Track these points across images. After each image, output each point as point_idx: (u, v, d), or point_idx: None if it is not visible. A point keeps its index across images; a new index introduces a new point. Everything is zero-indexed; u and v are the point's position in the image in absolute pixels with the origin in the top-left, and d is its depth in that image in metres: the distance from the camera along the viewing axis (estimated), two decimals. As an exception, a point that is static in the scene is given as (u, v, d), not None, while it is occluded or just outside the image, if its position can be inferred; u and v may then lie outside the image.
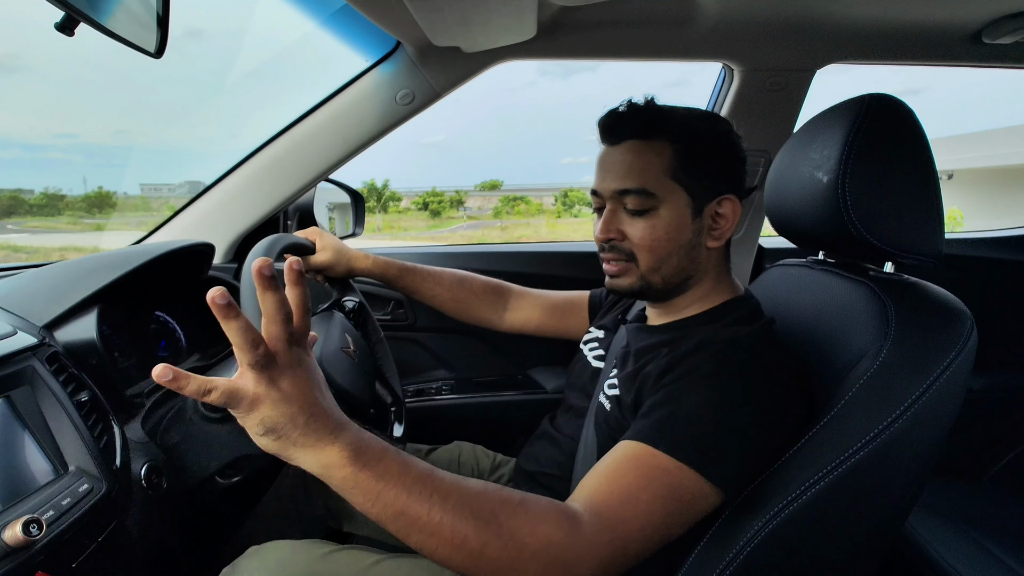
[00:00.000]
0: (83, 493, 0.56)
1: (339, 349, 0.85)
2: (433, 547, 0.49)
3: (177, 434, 0.78)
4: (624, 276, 0.73)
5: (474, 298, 1.07)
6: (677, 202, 0.69)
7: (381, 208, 32.80)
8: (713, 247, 0.72)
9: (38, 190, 55.82)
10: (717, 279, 0.75)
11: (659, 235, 0.70)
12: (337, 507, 1.02)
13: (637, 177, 0.69)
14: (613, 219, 0.72)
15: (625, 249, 0.72)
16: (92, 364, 0.70)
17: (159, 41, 0.53)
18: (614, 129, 0.71)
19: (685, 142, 0.69)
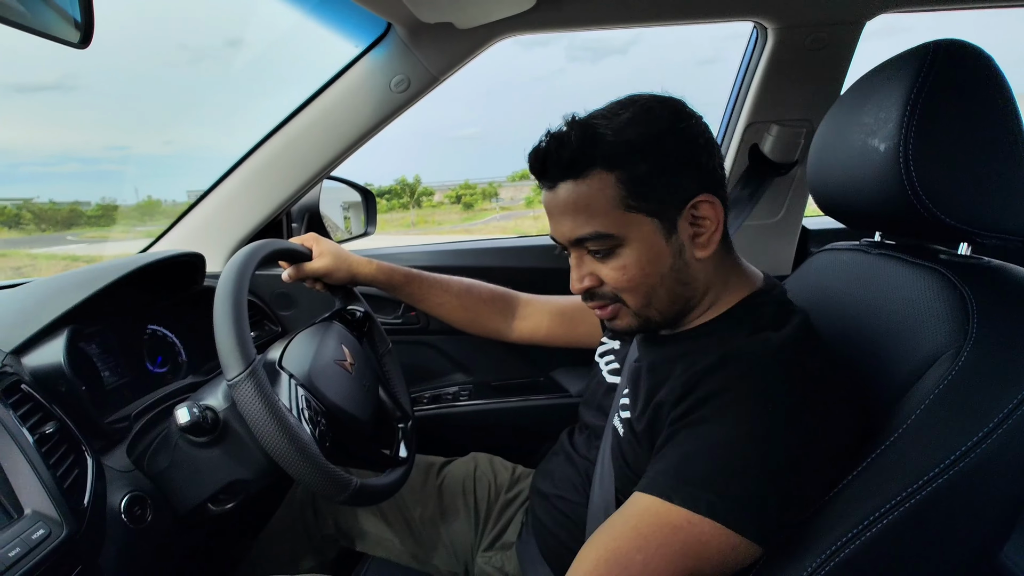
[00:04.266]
0: (36, 540, 0.50)
1: (332, 362, 0.78)
2: None
3: (164, 460, 0.73)
4: (618, 318, 0.65)
5: (483, 306, 0.99)
6: (642, 232, 0.59)
7: (415, 203, 33.12)
8: (704, 256, 0.61)
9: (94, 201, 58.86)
10: (724, 280, 0.64)
11: (633, 274, 0.60)
12: (348, 526, 0.96)
13: (586, 221, 0.59)
14: (582, 266, 0.63)
15: (607, 293, 0.63)
16: (61, 391, 0.65)
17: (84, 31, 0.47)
18: (543, 173, 0.61)
19: (623, 163, 0.57)
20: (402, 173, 27.95)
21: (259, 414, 0.59)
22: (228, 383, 0.59)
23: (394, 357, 0.99)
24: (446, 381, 1.26)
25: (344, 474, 0.66)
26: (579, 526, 0.71)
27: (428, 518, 0.94)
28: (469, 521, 0.92)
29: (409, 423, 0.92)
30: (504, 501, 0.92)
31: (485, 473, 0.97)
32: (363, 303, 0.97)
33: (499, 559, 0.83)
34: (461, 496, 0.94)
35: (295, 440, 0.60)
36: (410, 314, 1.20)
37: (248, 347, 0.61)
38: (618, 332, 0.66)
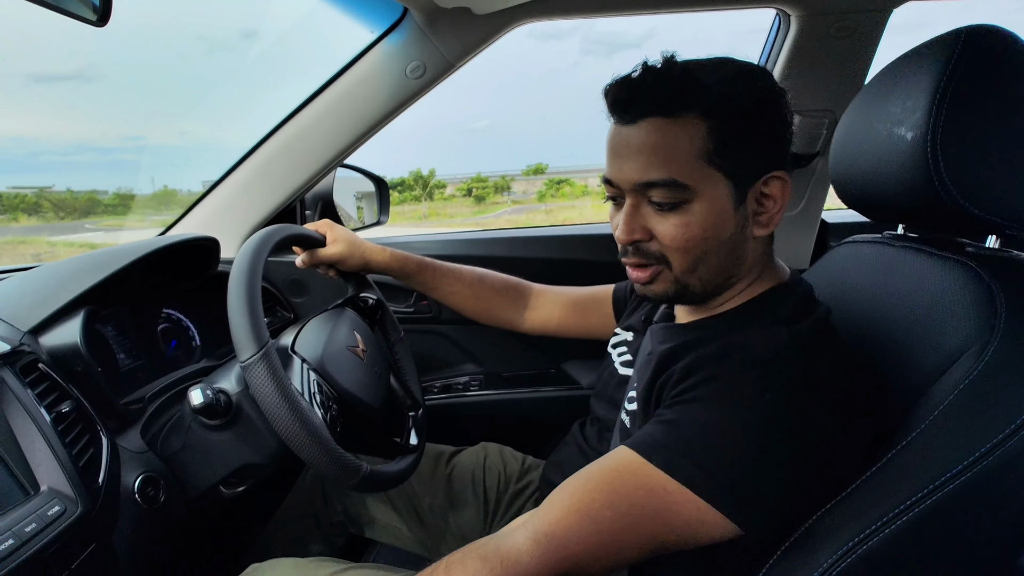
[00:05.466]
0: (52, 517, 0.51)
1: (345, 348, 0.78)
2: None
3: (177, 442, 0.73)
4: (656, 282, 0.61)
5: (495, 296, 0.98)
6: (715, 191, 0.56)
7: (427, 196, 33.16)
8: (760, 235, 0.60)
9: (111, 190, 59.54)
10: (761, 268, 0.62)
11: (694, 233, 0.57)
12: (357, 513, 0.97)
13: (663, 166, 0.55)
14: (636, 216, 0.59)
15: (653, 251, 0.60)
16: (78, 371, 0.66)
17: (101, 10, 0.47)
18: (629, 104, 0.56)
19: (722, 115, 0.54)
20: (416, 165, 27.79)
21: (271, 396, 0.59)
22: (241, 365, 0.59)
23: (406, 345, 0.99)
24: (457, 371, 1.25)
25: (354, 460, 0.66)
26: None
27: (437, 507, 0.94)
28: (478, 511, 0.92)
29: (420, 411, 0.92)
30: (514, 491, 0.92)
31: (495, 463, 0.97)
32: (376, 291, 0.96)
33: (508, 549, 0.82)
34: (471, 486, 0.94)
35: (306, 424, 0.60)
36: (422, 303, 1.20)
37: (261, 329, 0.61)
38: (649, 298, 0.64)
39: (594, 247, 1.19)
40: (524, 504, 0.89)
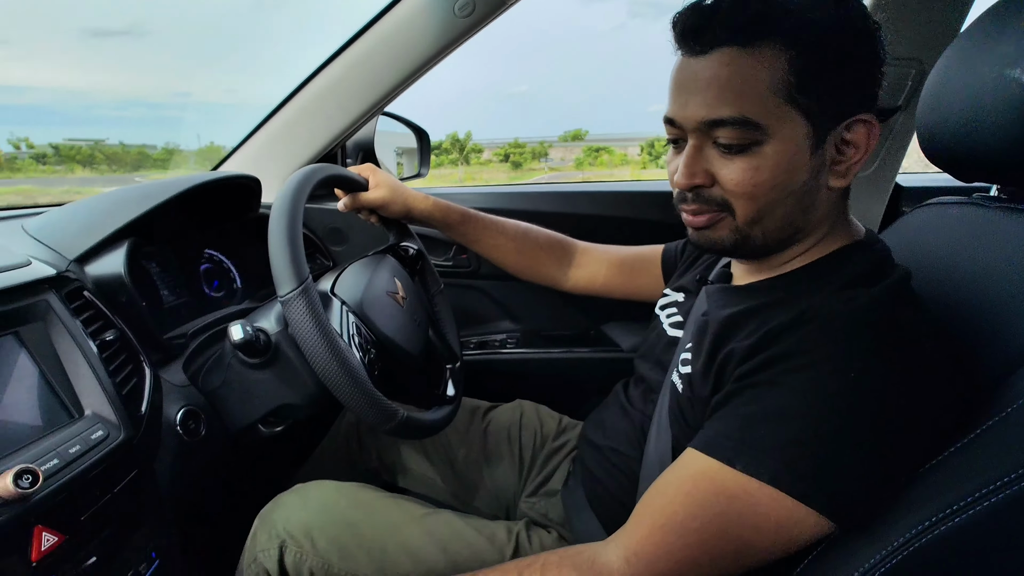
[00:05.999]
0: (96, 440, 0.51)
1: (385, 293, 0.76)
2: None
3: (217, 379, 0.73)
4: (714, 228, 0.56)
5: (539, 252, 0.94)
6: (791, 132, 0.50)
7: (463, 160, 32.96)
8: (836, 187, 0.54)
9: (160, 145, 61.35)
10: (833, 224, 0.57)
11: (763, 179, 0.51)
12: (391, 461, 0.97)
13: (735, 101, 0.50)
14: (699, 159, 0.54)
15: (715, 198, 0.54)
16: (122, 301, 0.66)
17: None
18: (702, 32, 0.50)
19: (807, 44, 0.48)
20: (452, 129, 27.32)
21: (310, 333, 0.57)
22: (280, 300, 0.57)
23: (445, 297, 0.96)
24: (493, 328, 1.23)
25: (391, 404, 0.64)
26: (630, 479, 0.68)
27: (472, 460, 0.93)
28: (513, 467, 0.91)
29: (457, 364, 0.90)
30: (550, 449, 0.90)
31: (531, 421, 0.95)
32: (416, 240, 0.94)
33: (543, 505, 0.81)
34: (506, 442, 0.93)
35: (344, 363, 0.59)
36: (461, 256, 1.17)
37: (302, 264, 0.59)
38: (704, 246, 0.58)
39: (642, 205, 1.13)
40: (560, 463, 0.87)
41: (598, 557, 0.50)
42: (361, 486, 0.73)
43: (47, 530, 0.45)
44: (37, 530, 0.44)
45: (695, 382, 0.58)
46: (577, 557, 0.51)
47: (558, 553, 0.52)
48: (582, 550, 0.52)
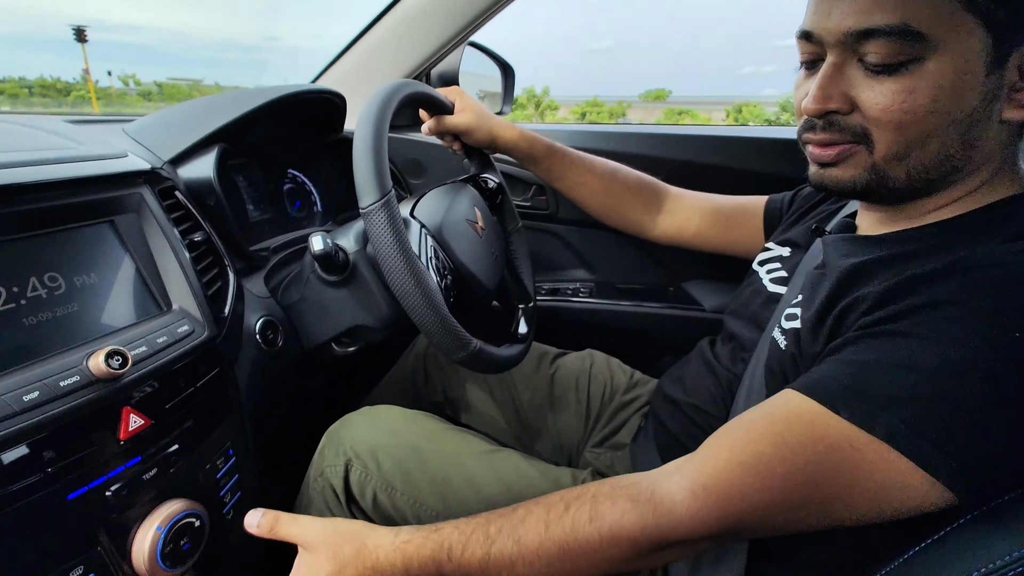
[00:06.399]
0: (182, 334, 0.52)
1: (464, 220, 0.73)
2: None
3: (296, 294, 0.74)
4: (844, 165, 0.48)
5: (627, 193, 0.88)
6: (963, 46, 0.41)
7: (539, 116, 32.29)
8: (1012, 119, 0.44)
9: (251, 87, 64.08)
10: (999, 167, 0.47)
11: (919, 103, 0.43)
12: (456, 396, 0.96)
13: (895, 6, 0.41)
14: (837, 79, 0.46)
15: (852, 126, 0.46)
16: (210, 205, 0.66)
17: None
18: None
19: None
20: (529, 83, 26.53)
21: (389, 247, 0.55)
22: (362, 211, 0.55)
23: (522, 236, 0.92)
24: (567, 275, 1.19)
25: (465, 332, 0.62)
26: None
27: (536, 405, 0.91)
28: (579, 416, 0.88)
29: (530, 304, 0.87)
30: (619, 403, 0.86)
31: (601, 372, 0.91)
32: (498, 174, 0.90)
33: (609, 457, 0.78)
34: (573, 390, 0.89)
35: (421, 282, 0.56)
36: (540, 198, 1.12)
37: (386, 176, 0.56)
38: (828, 186, 0.50)
39: (744, 152, 1.02)
40: (629, 417, 0.83)
41: (658, 487, 0.45)
42: (427, 415, 0.73)
43: (135, 412, 0.46)
44: (125, 411, 0.46)
45: (803, 338, 0.52)
46: (633, 488, 0.46)
47: (609, 483, 0.48)
48: (638, 480, 0.47)
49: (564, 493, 0.47)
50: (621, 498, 0.45)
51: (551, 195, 1.12)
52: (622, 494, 0.45)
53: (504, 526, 0.46)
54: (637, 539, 0.43)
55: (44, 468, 0.40)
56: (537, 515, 0.46)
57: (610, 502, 0.45)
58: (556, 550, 0.45)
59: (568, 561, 0.45)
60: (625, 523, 0.44)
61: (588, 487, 0.47)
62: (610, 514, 0.44)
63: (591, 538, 0.44)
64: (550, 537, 0.45)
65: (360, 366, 1.04)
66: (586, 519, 0.45)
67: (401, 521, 0.65)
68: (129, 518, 0.46)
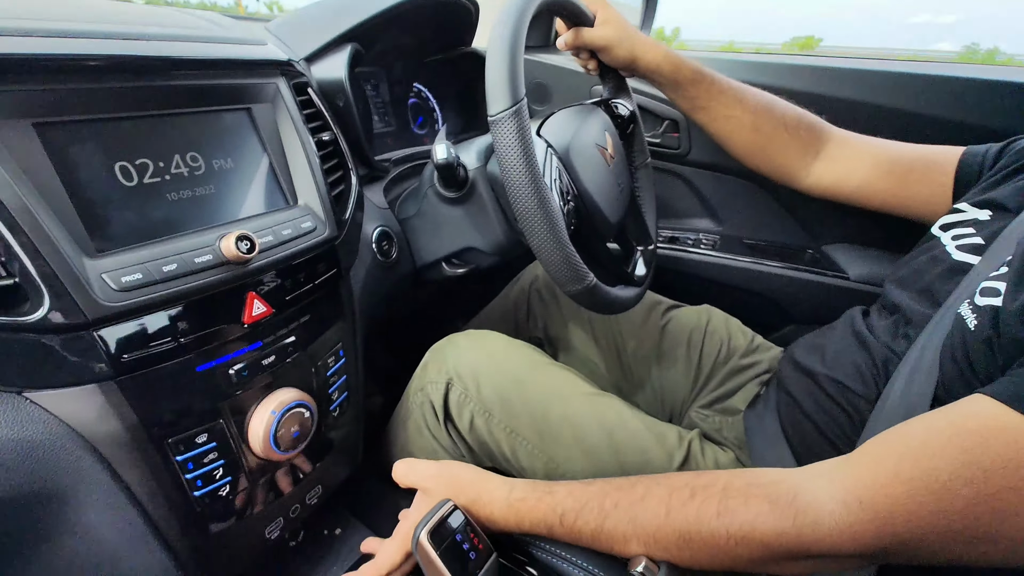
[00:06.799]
0: (305, 230, 0.52)
1: (593, 145, 0.67)
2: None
3: (412, 208, 0.73)
4: None
5: (782, 132, 0.76)
6: None
7: (664, 61, 30.04)
8: None
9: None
10: None
11: None
12: (557, 335, 0.93)
13: None
14: None
15: None
16: (339, 106, 0.66)
17: None
18: None
19: None
20: (659, 23, 23.79)
21: (515, 160, 0.50)
22: (490, 119, 0.51)
23: (649, 172, 0.84)
24: (688, 224, 1.09)
25: (583, 264, 0.57)
26: (852, 419, 0.55)
27: (641, 356, 0.85)
28: (688, 374, 0.81)
29: (651, 246, 0.80)
30: (735, 366, 0.78)
31: (718, 330, 0.83)
32: (632, 100, 0.81)
33: (718, 421, 0.71)
34: (685, 345, 0.83)
35: (544, 203, 0.52)
36: (671, 135, 1.02)
37: (519, 82, 0.51)
38: None
39: (936, 95, 0.84)
40: (746, 383, 0.75)
41: (802, 492, 0.40)
42: (532, 347, 0.70)
43: (258, 298, 0.47)
44: (250, 296, 0.47)
45: (1006, 320, 0.41)
46: (772, 488, 0.41)
47: (743, 476, 0.43)
48: (777, 479, 0.42)
49: (689, 478, 0.44)
50: (757, 497, 0.40)
51: (685, 132, 1.01)
52: (758, 493, 0.41)
53: (621, 501, 0.44)
54: (771, 545, 0.39)
55: (177, 337, 0.42)
56: (658, 497, 0.43)
57: (743, 499, 0.41)
58: (675, 537, 0.42)
59: (687, 550, 0.42)
60: (759, 525, 0.39)
61: (717, 476, 0.43)
62: (742, 513, 0.40)
63: (717, 534, 0.40)
64: (670, 523, 0.42)
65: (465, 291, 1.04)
66: (713, 513, 0.41)
67: (494, 447, 0.64)
68: (247, 399, 0.48)
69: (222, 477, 0.47)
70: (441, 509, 0.46)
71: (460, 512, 0.46)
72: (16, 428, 0.37)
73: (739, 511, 0.40)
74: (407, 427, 0.70)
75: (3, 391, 0.37)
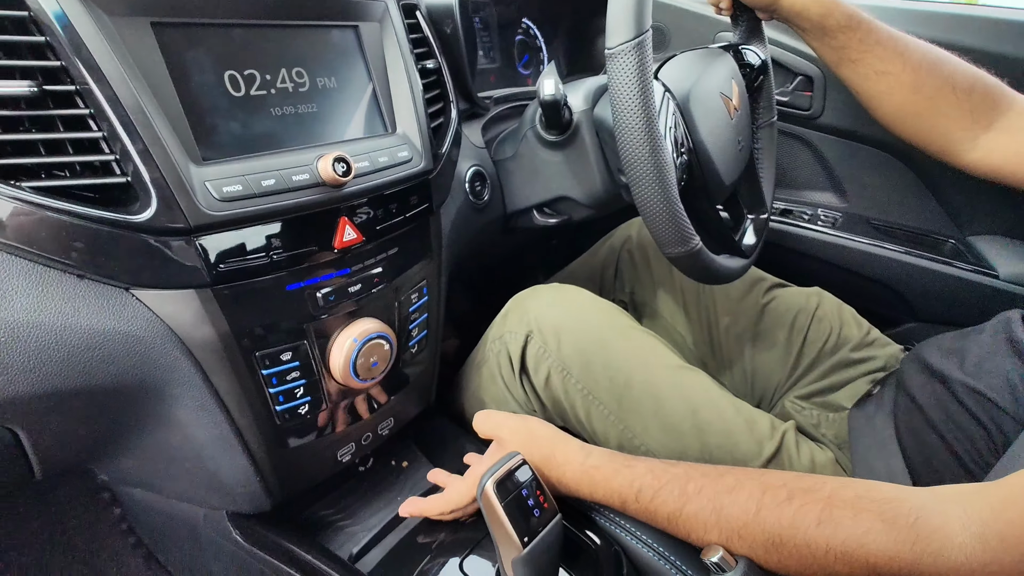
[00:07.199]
0: (401, 159, 0.50)
1: (717, 93, 0.60)
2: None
3: (510, 149, 0.69)
4: None
5: (947, 95, 0.63)
6: None
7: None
8: None
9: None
10: None
11: None
12: (644, 301, 0.88)
13: None
14: None
15: None
16: (446, 33, 0.62)
17: None
18: None
19: None
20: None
21: (631, 98, 0.45)
22: (608, 51, 0.46)
23: (773, 133, 0.75)
24: (807, 197, 0.98)
25: (690, 225, 0.52)
26: (994, 441, 0.47)
27: (734, 333, 0.79)
28: (786, 360, 0.74)
29: (764, 215, 0.72)
30: (844, 359, 0.70)
31: (828, 317, 0.74)
32: (766, 48, 0.72)
33: (816, 416, 0.65)
34: (787, 329, 0.75)
35: (656, 151, 0.46)
36: (803, 93, 0.90)
37: (646, 12, 0.46)
38: None
39: None
40: (854, 379, 0.68)
41: (927, 516, 0.34)
42: (619, 309, 0.66)
43: (350, 224, 0.46)
44: (342, 221, 0.46)
45: None
46: (887, 506, 0.36)
47: (852, 486, 0.38)
48: (896, 496, 0.36)
49: (789, 478, 0.40)
50: (868, 512, 0.36)
51: (819, 91, 0.89)
52: (871, 508, 0.36)
53: (706, 488, 0.41)
54: (879, 567, 0.35)
55: (270, 254, 0.42)
56: (749, 492, 0.40)
57: (852, 513, 0.36)
58: (764, 539, 0.38)
59: (775, 554, 0.38)
60: (868, 544, 0.35)
61: (822, 481, 0.39)
62: (849, 527, 0.36)
63: (814, 544, 0.36)
64: (759, 523, 0.38)
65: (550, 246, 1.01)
66: (813, 520, 0.37)
67: (568, 407, 0.62)
68: (331, 324, 0.48)
69: (302, 396, 0.48)
70: (510, 461, 0.44)
71: (529, 468, 0.45)
72: (122, 322, 0.39)
73: (845, 524, 0.36)
74: (481, 373, 0.69)
75: (112, 286, 0.39)
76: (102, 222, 0.36)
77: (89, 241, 0.36)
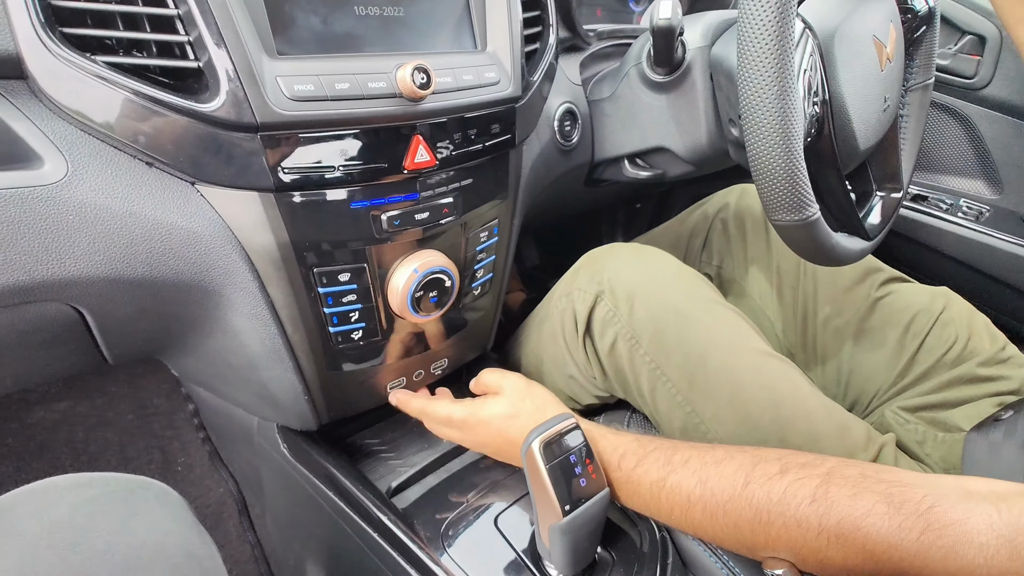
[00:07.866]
0: (488, 81, 0.46)
1: (870, 37, 0.50)
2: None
3: (608, 89, 0.63)
4: None
5: None
6: None
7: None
8: None
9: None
10: None
11: None
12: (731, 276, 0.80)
13: None
14: None
15: None
16: None
17: None
18: None
19: None
20: None
21: (764, 31, 0.38)
22: None
23: (927, 97, 0.63)
24: (949, 183, 0.84)
25: (811, 191, 0.44)
26: None
27: (835, 326, 0.69)
28: (894, 364, 0.64)
29: (897, 194, 0.62)
30: (968, 373, 0.59)
31: (956, 322, 0.63)
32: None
33: (921, 432, 0.56)
34: (902, 328, 0.65)
35: (785, 96, 0.39)
36: (969, 56, 0.76)
37: None
38: None
39: None
40: (976, 398, 0.58)
41: (944, 508, 0.31)
42: (706, 281, 0.59)
43: (424, 144, 0.43)
44: (415, 140, 0.42)
45: None
46: (897, 489, 0.32)
47: (858, 465, 0.35)
48: (910, 482, 0.33)
49: (784, 453, 0.36)
50: (872, 493, 0.32)
51: (990, 56, 0.74)
52: (875, 488, 0.32)
53: (692, 459, 0.38)
54: (876, 554, 0.31)
55: (337, 165, 0.39)
56: (738, 463, 0.36)
57: (852, 491, 0.32)
58: (750, 514, 0.35)
59: (761, 532, 0.34)
60: (867, 527, 0.31)
61: (824, 459, 0.36)
62: (846, 506, 0.32)
63: (805, 522, 0.33)
64: (747, 496, 0.35)
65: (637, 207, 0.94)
66: (807, 497, 0.33)
67: (632, 379, 0.57)
68: (394, 251, 0.46)
69: (357, 321, 0.46)
70: (561, 423, 0.40)
71: (581, 433, 0.41)
72: (185, 218, 0.38)
73: (841, 502, 0.32)
74: (542, 330, 0.65)
75: (179, 178, 0.38)
76: (170, 107, 0.34)
77: (156, 126, 0.35)
